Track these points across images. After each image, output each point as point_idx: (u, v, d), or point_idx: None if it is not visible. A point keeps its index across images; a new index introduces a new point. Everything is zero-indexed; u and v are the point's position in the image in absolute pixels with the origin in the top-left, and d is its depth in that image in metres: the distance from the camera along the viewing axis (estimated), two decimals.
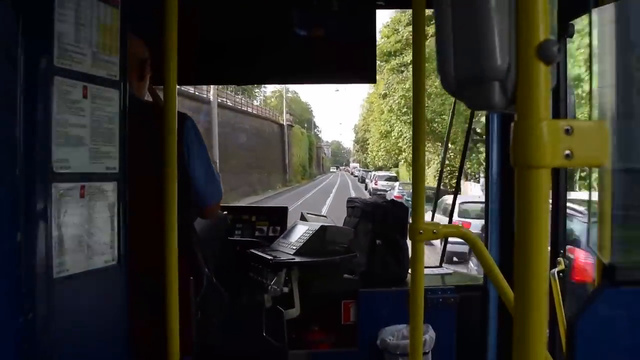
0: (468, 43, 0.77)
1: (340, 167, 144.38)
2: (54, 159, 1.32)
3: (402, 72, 29.05)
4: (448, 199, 9.78)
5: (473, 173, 23.68)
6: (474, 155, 20.32)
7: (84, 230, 1.41)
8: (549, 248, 2.49)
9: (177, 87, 1.74)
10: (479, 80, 0.76)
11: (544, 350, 0.71)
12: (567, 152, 0.73)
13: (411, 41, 1.80)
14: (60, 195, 1.33)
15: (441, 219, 5.96)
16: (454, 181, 5.11)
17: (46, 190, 1.30)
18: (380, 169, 49.24)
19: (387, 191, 27.20)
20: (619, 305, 0.92)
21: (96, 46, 1.45)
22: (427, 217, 2.06)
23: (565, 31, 2.29)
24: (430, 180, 22.20)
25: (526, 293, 0.72)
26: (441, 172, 3.87)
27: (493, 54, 0.74)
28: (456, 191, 3.74)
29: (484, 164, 3.11)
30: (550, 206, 2.51)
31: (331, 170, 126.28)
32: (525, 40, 0.72)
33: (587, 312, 0.88)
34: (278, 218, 3.38)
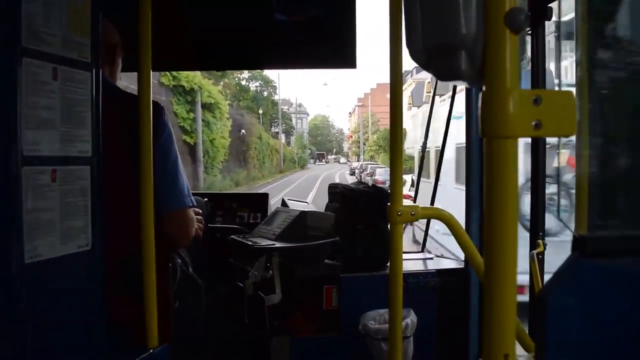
0: (435, 12, 0.76)
1: (328, 157, 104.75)
2: (23, 142, 1.29)
3: None
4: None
5: None
6: None
7: (56, 215, 1.39)
8: (529, 231, 2.51)
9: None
10: (447, 50, 0.75)
11: (513, 315, 0.71)
12: (536, 122, 0.72)
13: None
14: (30, 179, 1.31)
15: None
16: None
17: (16, 174, 1.28)
18: None
19: None
20: (590, 277, 0.92)
21: (66, 27, 1.42)
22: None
23: (544, 14, 2.29)
24: None
25: (496, 262, 0.72)
26: (422, 157, 3.87)
27: (460, 23, 0.73)
28: (437, 174, 3.74)
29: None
30: (530, 189, 2.54)
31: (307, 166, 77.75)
32: (494, 8, 0.72)
33: (558, 284, 0.88)
34: (259, 204, 3.37)
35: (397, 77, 1.66)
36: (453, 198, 3.86)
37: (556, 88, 2.40)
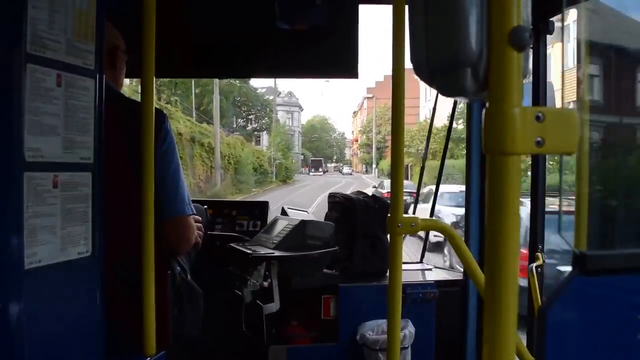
0: (440, 29, 0.77)
1: (327, 166, 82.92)
2: (26, 147, 1.30)
3: None
4: None
5: None
6: None
7: (56, 221, 1.39)
8: (528, 244, 2.51)
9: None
10: (451, 67, 0.76)
11: (513, 330, 0.71)
12: (538, 139, 0.73)
13: None
14: (31, 185, 1.31)
15: None
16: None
17: (18, 180, 1.28)
18: None
19: None
20: (589, 294, 0.93)
21: (71, 33, 1.43)
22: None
23: (545, 28, 2.30)
24: None
25: (497, 277, 0.72)
26: (422, 168, 3.86)
27: (465, 40, 0.74)
28: (437, 184, 3.74)
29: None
30: (529, 202, 2.54)
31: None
32: (498, 26, 0.72)
33: (557, 300, 0.88)
34: (259, 212, 3.37)
35: (399, 84, 1.67)
36: None
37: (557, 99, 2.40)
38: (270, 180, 39.84)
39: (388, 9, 1.65)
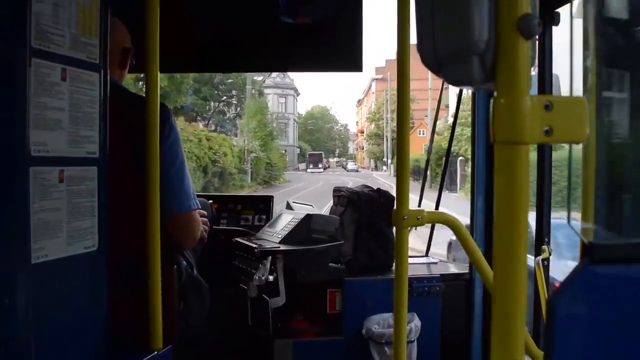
0: (448, 17, 0.76)
1: (329, 161, 72.70)
2: (32, 142, 1.30)
3: None
4: None
5: None
6: None
7: (63, 216, 1.39)
8: (534, 237, 2.50)
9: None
10: (458, 55, 0.75)
11: (522, 324, 0.71)
12: (547, 128, 0.72)
13: None
14: (37, 180, 1.31)
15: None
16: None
17: (24, 174, 1.28)
18: None
19: None
20: (598, 283, 0.92)
21: (75, 27, 1.42)
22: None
23: (551, 19, 2.29)
24: None
25: (506, 270, 0.71)
26: (428, 160, 3.85)
27: (472, 28, 0.73)
28: (443, 176, 3.73)
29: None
30: (535, 195, 2.53)
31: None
32: (506, 14, 0.72)
33: (567, 290, 0.88)
34: (263, 207, 3.37)
35: (404, 77, 1.66)
36: None
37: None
38: (240, 185, 26.60)
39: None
